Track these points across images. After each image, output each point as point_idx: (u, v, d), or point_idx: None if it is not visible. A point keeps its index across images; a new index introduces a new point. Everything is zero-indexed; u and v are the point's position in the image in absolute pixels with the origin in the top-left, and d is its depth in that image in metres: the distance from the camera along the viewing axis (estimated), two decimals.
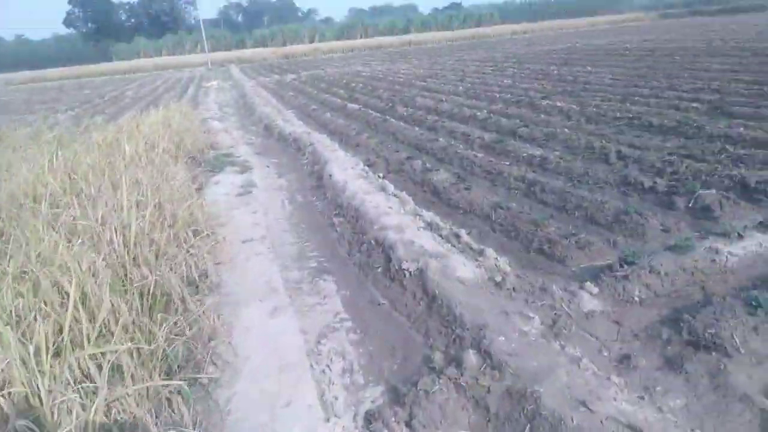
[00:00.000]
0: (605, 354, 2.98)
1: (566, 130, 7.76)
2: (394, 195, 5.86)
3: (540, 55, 21.15)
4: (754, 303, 2.95)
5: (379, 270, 4.23)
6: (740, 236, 3.83)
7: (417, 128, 9.46)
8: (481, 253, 4.18)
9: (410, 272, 3.91)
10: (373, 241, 4.57)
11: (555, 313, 3.29)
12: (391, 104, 12.13)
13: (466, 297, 3.46)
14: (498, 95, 11.53)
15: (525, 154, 6.84)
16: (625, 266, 3.61)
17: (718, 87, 9.71)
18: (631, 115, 8.11)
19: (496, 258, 4.09)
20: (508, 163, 6.60)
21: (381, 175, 6.97)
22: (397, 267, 4.03)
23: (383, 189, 6.11)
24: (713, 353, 2.80)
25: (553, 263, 4.08)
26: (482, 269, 3.91)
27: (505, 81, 13.94)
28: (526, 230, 4.54)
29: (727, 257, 3.65)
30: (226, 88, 21.96)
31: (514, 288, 3.60)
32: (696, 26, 30.25)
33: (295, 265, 4.65)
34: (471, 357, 2.90)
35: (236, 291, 3.82)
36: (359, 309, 3.88)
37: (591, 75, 13.26)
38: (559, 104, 9.59)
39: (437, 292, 3.57)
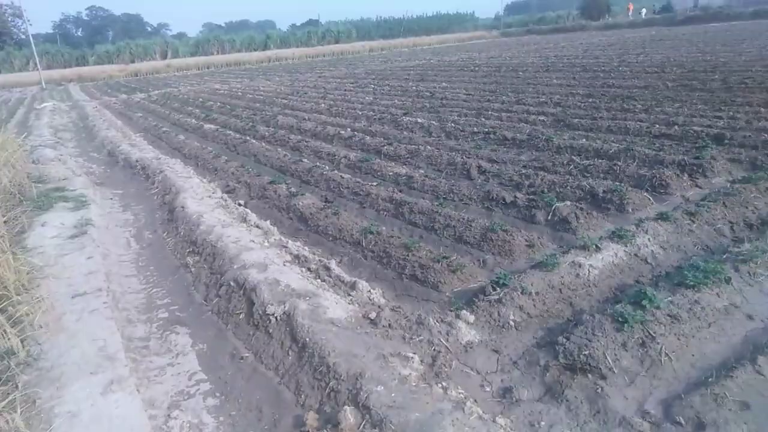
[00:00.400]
0: (488, 389, 2.83)
1: (429, 146, 7.83)
2: (257, 225, 5.40)
3: (397, 71, 21.74)
4: (620, 319, 2.98)
5: (242, 316, 3.75)
6: (597, 248, 3.95)
7: (280, 149, 9.02)
8: (353, 286, 3.89)
9: (276, 317, 3.50)
10: (233, 283, 4.07)
11: (434, 349, 3.09)
12: (251, 124, 11.55)
13: (339, 341, 3.13)
14: (360, 112, 11.49)
15: (391, 173, 6.74)
16: (498, 288, 3.54)
17: (559, 101, 10.52)
18: (486, 130, 8.42)
19: (370, 291, 3.83)
20: (375, 183, 6.44)
21: (242, 202, 6.45)
22: (261, 312, 3.60)
23: (245, 219, 5.61)
24: (589, 376, 2.76)
25: (428, 289, 3.92)
26: (356, 305, 3.62)
27: (366, 98, 14.00)
28: (398, 255, 4.34)
29: (589, 270, 3.74)
30: (64, 110, 19.63)
31: (390, 324, 3.34)
32: (532, 44, 33.20)
33: (141, 318, 4.01)
34: (348, 415, 2.57)
35: (60, 364, 3.12)
36: (219, 366, 3.38)
37: (447, 91, 13.77)
38: (420, 120, 9.73)
39: (308, 339, 3.20)
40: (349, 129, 9.81)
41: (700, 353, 2.88)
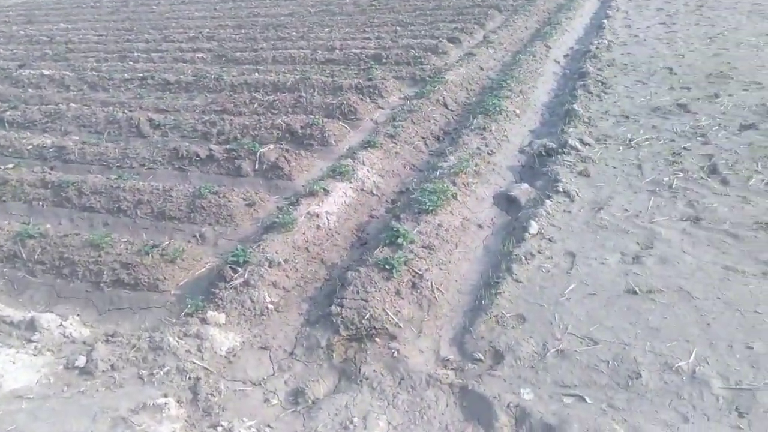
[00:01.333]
0: (275, 402, 2.26)
1: (72, 104, 6.13)
2: None
3: None
4: (386, 266, 2.74)
5: None
6: (326, 191, 3.62)
7: None
8: (31, 325, 2.68)
9: None
10: None
11: (189, 378, 2.32)
12: None
13: (42, 423, 2.06)
14: None
15: (30, 147, 5.03)
16: (240, 269, 2.89)
17: (210, 34, 9.62)
18: (141, 75, 7.08)
19: (61, 323, 2.70)
20: (11, 165, 4.69)
21: None
22: None
23: None
24: (378, 340, 2.47)
25: (144, 294, 2.99)
26: (47, 354, 2.49)
27: None
28: (86, 260, 3.19)
29: (327, 219, 3.40)
30: None
31: (112, 365, 2.38)
32: None
33: None
34: None
35: None
36: None
37: (70, 33, 11.21)
38: (46, 72, 7.57)
39: None
40: None
41: (461, 276, 2.89)
